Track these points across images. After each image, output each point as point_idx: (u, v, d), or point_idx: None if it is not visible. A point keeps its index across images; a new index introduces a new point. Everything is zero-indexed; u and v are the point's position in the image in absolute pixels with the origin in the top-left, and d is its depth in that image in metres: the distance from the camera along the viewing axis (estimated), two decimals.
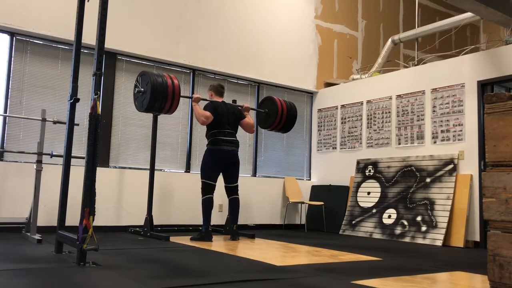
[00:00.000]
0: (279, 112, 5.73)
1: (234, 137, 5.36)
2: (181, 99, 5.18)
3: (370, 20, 8.82)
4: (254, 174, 7.35)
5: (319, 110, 8.01)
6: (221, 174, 5.37)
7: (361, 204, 6.78)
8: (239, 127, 5.54)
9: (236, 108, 5.56)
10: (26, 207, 5.00)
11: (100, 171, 4.05)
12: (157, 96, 4.63)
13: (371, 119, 7.10)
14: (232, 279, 2.84)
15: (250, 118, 5.64)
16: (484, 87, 5.77)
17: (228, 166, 5.32)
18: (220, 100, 5.44)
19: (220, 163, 5.26)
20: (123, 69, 6.26)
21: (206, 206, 5.15)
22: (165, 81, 4.70)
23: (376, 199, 6.59)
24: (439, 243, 5.53)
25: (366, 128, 7.16)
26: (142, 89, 4.71)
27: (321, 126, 7.96)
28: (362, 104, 7.28)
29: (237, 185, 5.42)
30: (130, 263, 3.40)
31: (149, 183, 5.57)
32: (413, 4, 8.34)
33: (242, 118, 5.50)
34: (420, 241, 5.74)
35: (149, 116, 5.89)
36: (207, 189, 5.18)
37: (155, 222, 5.54)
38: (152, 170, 5.60)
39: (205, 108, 5.23)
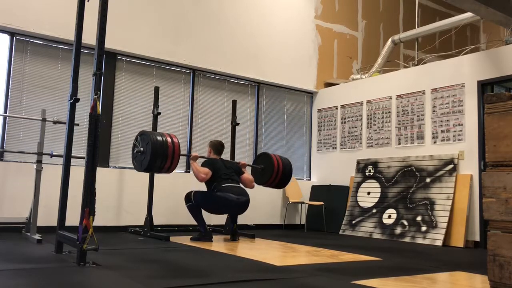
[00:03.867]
0: (275, 168, 5.64)
1: (239, 184, 5.29)
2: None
3: (370, 20, 8.82)
4: None
5: (319, 110, 8.01)
6: None
7: (361, 204, 6.78)
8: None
9: (234, 163, 5.54)
10: (26, 207, 5.00)
11: (100, 171, 4.05)
12: (157, 156, 4.55)
13: (371, 119, 7.10)
14: (232, 279, 2.84)
15: (248, 173, 5.59)
16: (484, 87, 5.77)
17: (234, 211, 5.30)
18: (217, 158, 5.40)
19: (223, 211, 5.31)
20: (123, 69, 6.26)
21: (194, 211, 5.15)
22: (165, 141, 4.64)
23: (376, 199, 6.59)
24: (439, 243, 5.53)
25: (366, 128, 7.16)
26: (142, 148, 4.67)
27: (321, 126, 7.96)
28: (362, 104, 7.28)
29: None
30: (130, 263, 3.40)
31: (149, 183, 5.57)
32: (413, 4, 8.33)
33: (241, 173, 5.45)
34: (420, 241, 5.74)
35: (149, 116, 5.89)
36: (190, 201, 5.18)
37: (155, 222, 5.54)
38: None
39: (203, 165, 5.20)
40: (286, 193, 7.33)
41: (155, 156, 4.53)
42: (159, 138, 4.62)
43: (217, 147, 5.48)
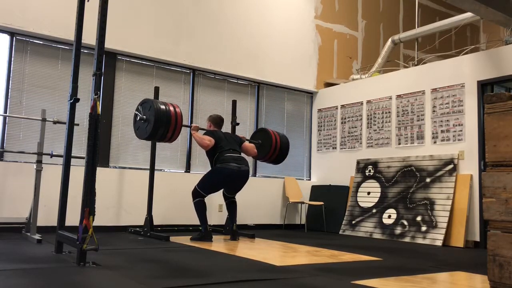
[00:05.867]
0: (273, 144, 5.69)
1: (240, 154, 5.33)
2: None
3: (370, 20, 8.82)
4: (254, 174, 7.35)
5: (319, 110, 8.01)
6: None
7: (361, 204, 6.78)
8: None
9: (235, 135, 5.60)
10: (26, 207, 5.00)
11: (100, 171, 4.05)
12: (161, 123, 4.55)
13: (371, 119, 7.10)
14: (232, 279, 2.84)
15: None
16: (484, 87, 5.77)
17: (235, 184, 5.30)
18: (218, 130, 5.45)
19: (226, 182, 5.25)
20: (123, 69, 6.26)
21: (200, 208, 5.14)
22: (168, 109, 4.66)
23: (376, 199, 6.59)
24: (439, 243, 5.53)
25: (366, 128, 7.16)
26: (145, 116, 4.67)
27: (321, 126, 7.96)
28: (362, 104, 7.28)
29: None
30: (130, 263, 3.40)
31: (149, 183, 5.58)
32: (413, 4, 8.33)
33: (242, 142, 5.51)
34: (420, 241, 5.74)
35: None
36: (198, 195, 5.19)
37: (155, 222, 5.54)
38: (152, 170, 5.61)
39: (204, 135, 5.25)
40: (286, 193, 7.33)
41: (158, 123, 4.55)
42: (162, 106, 4.64)
43: (216, 121, 5.51)
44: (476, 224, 5.56)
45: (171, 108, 4.68)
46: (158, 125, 4.56)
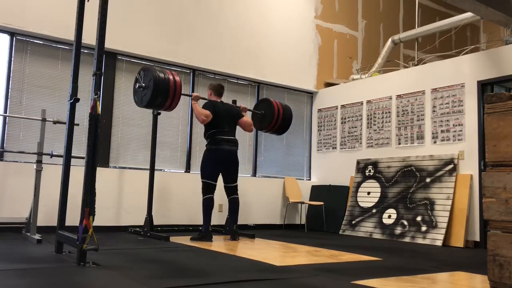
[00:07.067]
0: (275, 114, 5.72)
1: (233, 136, 5.37)
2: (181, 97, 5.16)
3: (370, 20, 8.82)
4: (254, 174, 7.35)
5: (319, 110, 8.01)
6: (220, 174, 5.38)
7: (361, 204, 6.78)
8: (238, 127, 5.54)
9: (234, 107, 5.59)
10: (26, 207, 5.00)
11: (100, 171, 4.05)
12: (159, 92, 4.59)
13: (371, 119, 7.10)
14: (232, 279, 2.84)
15: (248, 117, 5.64)
16: (484, 87, 5.77)
17: (228, 165, 5.33)
18: (218, 100, 5.45)
19: (220, 163, 5.27)
20: (123, 69, 6.26)
21: (207, 206, 5.15)
22: (167, 78, 4.68)
23: (376, 199, 6.59)
24: (439, 243, 5.53)
25: (366, 128, 7.16)
26: (144, 84, 4.68)
27: (321, 126, 7.96)
28: (362, 104, 7.28)
29: (237, 185, 5.43)
30: (130, 263, 3.40)
31: (149, 183, 5.57)
32: (413, 4, 8.33)
33: (240, 117, 5.51)
34: (420, 241, 5.74)
35: (149, 116, 5.89)
36: (208, 189, 5.18)
37: (155, 222, 5.54)
38: (152, 170, 5.60)
39: (204, 107, 5.25)
40: (286, 193, 7.33)
41: (157, 92, 4.57)
42: (161, 75, 4.65)
43: (217, 88, 5.53)
44: (476, 224, 5.56)
45: (170, 77, 4.70)
46: (157, 94, 4.59)
